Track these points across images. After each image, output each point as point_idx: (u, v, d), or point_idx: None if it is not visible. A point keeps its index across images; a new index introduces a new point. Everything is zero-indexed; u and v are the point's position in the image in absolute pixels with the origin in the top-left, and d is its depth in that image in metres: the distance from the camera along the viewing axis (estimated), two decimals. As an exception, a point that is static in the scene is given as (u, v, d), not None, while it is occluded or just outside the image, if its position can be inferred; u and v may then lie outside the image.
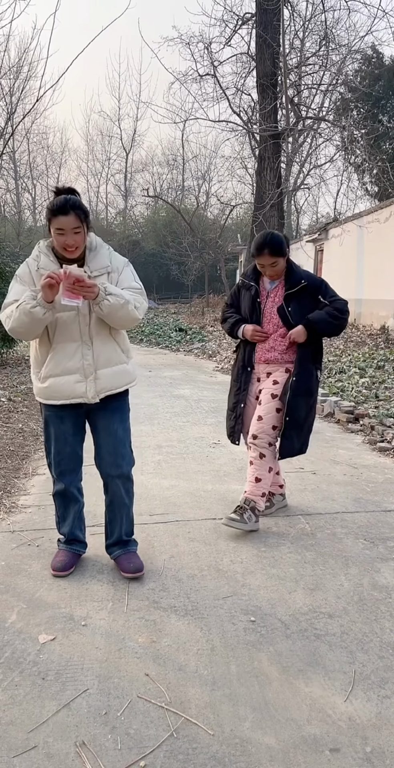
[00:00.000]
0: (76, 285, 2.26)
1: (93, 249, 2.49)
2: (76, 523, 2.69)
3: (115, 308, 2.36)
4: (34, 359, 2.56)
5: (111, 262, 2.51)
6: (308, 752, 1.64)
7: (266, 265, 3.07)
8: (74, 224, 2.33)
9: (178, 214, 23.41)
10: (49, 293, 2.26)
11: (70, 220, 2.32)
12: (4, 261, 8.92)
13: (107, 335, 2.50)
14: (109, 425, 2.57)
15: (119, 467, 2.60)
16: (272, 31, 12.93)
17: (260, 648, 2.11)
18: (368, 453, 4.75)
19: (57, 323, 2.42)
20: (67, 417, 2.54)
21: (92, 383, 2.46)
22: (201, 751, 1.64)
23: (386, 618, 2.32)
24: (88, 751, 1.63)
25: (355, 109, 18.25)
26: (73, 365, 2.44)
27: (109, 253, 2.54)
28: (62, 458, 2.59)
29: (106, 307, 2.34)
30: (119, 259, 2.57)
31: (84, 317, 2.43)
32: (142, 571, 2.59)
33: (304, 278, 3.11)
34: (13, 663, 2.00)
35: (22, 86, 14.99)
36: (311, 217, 34.24)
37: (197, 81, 14.74)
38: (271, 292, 3.18)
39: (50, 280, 2.24)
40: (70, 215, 2.31)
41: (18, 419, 5.46)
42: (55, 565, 2.62)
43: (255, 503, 3.08)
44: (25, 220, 32.92)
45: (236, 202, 24.98)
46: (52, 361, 2.46)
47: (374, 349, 10.13)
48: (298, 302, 3.09)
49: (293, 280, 3.10)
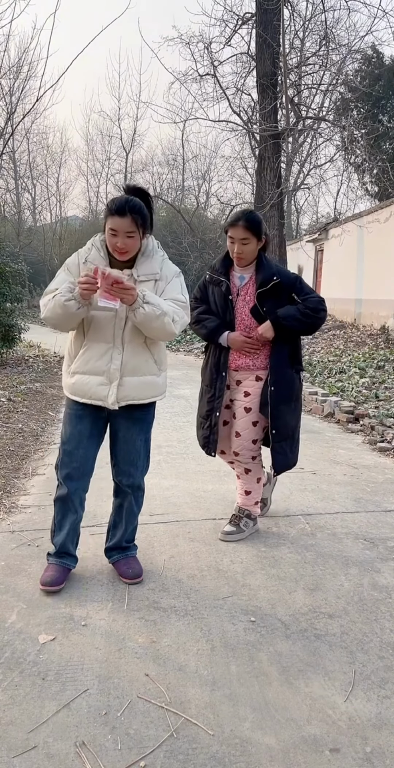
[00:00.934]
0: (114, 286, 2.18)
1: (147, 253, 2.41)
2: (70, 536, 2.57)
3: (150, 318, 2.26)
4: (67, 352, 2.53)
5: (161, 269, 2.43)
6: (308, 752, 1.64)
7: (237, 239, 2.81)
8: (129, 228, 2.25)
9: (178, 214, 23.40)
10: (86, 293, 2.21)
11: (125, 223, 2.25)
12: (4, 261, 8.92)
13: (141, 344, 2.41)
14: (128, 435, 2.51)
15: (131, 477, 2.56)
16: (272, 31, 12.93)
17: (260, 648, 2.11)
18: (368, 453, 4.75)
19: (92, 321, 2.37)
20: (87, 417, 2.47)
21: (115, 389, 2.38)
22: (201, 751, 1.64)
23: (386, 618, 2.32)
24: (88, 751, 1.63)
25: (355, 109, 18.24)
26: (100, 366, 2.39)
27: (162, 260, 2.45)
28: (72, 460, 2.49)
29: (140, 315, 2.25)
30: (171, 269, 2.48)
31: (120, 320, 2.36)
32: (141, 576, 2.57)
33: (276, 274, 2.85)
34: (13, 663, 2.00)
35: (22, 86, 14.98)
36: (311, 217, 34.23)
37: (197, 81, 14.73)
38: (241, 290, 2.93)
39: (88, 282, 2.19)
40: (125, 218, 2.24)
41: (18, 419, 5.46)
42: (44, 580, 2.48)
43: (249, 510, 3.04)
44: (25, 220, 32.94)
45: (236, 202, 24.96)
46: (83, 357, 2.42)
47: (374, 349, 10.13)
48: (272, 302, 2.85)
49: (265, 276, 2.85)
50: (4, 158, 23.01)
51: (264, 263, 2.90)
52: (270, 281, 2.82)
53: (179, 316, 2.38)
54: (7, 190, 31.49)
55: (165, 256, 2.49)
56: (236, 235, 2.80)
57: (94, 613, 2.31)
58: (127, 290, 2.20)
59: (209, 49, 14.15)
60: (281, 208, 14.00)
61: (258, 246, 2.87)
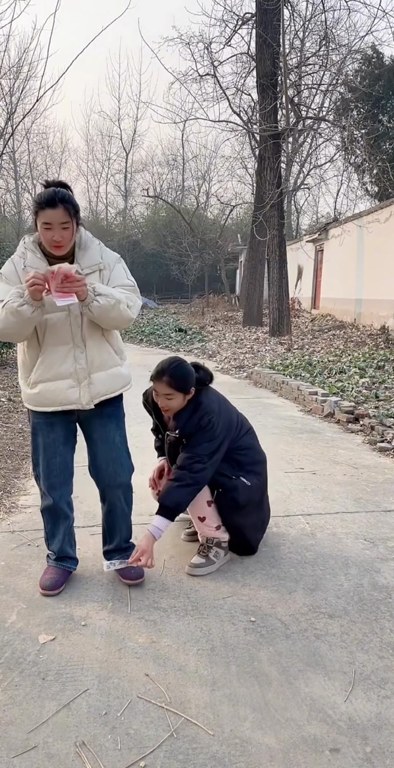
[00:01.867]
0: (65, 282, 2.12)
1: (83, 245, 2.34)
2: (66, 540, 2.53)
3: (106, 309, 2.23)
4: (21, 363, 2.42)
5: (102, 258, 2.37)
6: (308, 752, 1.64)
7: (161, 394, 2.59)
8: (62, 219, 2.18)
9: (178, 214, 23.42)
10: (35, 293, 2.12)
11: (59, 214, 2.17)
12: (3, 261, 8.92)
13: (101, 337, 2.37)
14: (105, 433, 2.45)
15: (119, 476, 2.50)
16: (272, 31, 12.94)
17: (260, 648, 2.11)
18: (368, 453, 4.75)
19: (47, 325, 2.28)
20: (58, 424, 2.40)
21: (86, 388, 2.33)
22: (201, 751, 1.64)
23: (386, 618, 2.32)
24: (88, 751, 1.63)
25: (355, 109, 18.25)
26: (65, 370, 2.31)
27: (100, 248, 2.39)
28: (52, 470, 2.43)
29: (95, 308, 2.21)
30: (111, 255, 2.43)
31: (76, 318, 2.29)
32: (143, 577, 2.54)
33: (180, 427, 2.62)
34: (13, 663, 2.00)
35: (22, 86, 14.97)
36: (311, 217, 34.28)
37: (197, 81, 14.76)
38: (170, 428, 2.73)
39: (35, 281, 2.10)
40: (58, 208, 2.17)
41: (18, 419, 5.46)
42: (44, 583, 2.46)
43: (217, 538, 2.73)
44: (25, 220, 32.92)
45: (236, 202, 25.02)
46: (43, 365, 2.32)
47: (374, 349, 10.13)
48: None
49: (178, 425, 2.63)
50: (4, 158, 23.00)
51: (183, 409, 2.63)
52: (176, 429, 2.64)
53: (132, 301, 2.36)
54: (7, 190, 31.51)
55: (101, 244, 2.42)
56: (160, 390, 2.58)
57: (94, 613, 2.31)
58: (78, 282, 2.14)
59: (209, 49, 14.17)
60: (281, 208, 14.00)
61: (187, 397, 2.62)
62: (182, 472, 2.55)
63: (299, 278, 20.42)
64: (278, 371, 8.56)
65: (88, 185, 40.71)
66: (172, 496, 2.52)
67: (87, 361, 2.34)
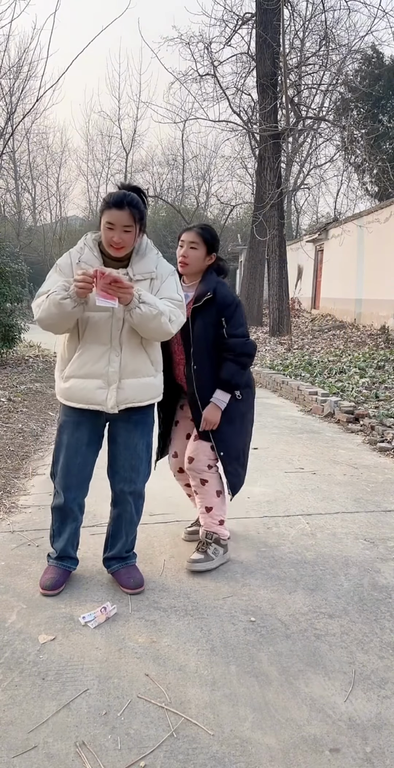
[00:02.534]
0: (112, 285, 2.14)
1: (141, 252, 2.36)
2: (70, 540, 2.52)
3: (147, 318, 2.21)
4: (60, 356, 2.44)
5: (156, 268, 2.37)
6: (308, 752, 1.64)
7: (186, 242, 2.67)
8: (126, 222, 2.22)
9: (178, 214, 23.41)
10: (82, 291, 2.15)
11: (123, 217, 2.21)
12: (3, 261, 8.91)
13: (138, 344, 2.36)
14: (129, 440, 2.44)
15: (133, 483, 2.48)
16: (272, 31, 12.94)
17: (260, 648, 2.11)
18: (368, 453, 4.75)
19: (88, 322, 2.30)
20: (85, 424, 2.39)
21: (114, 392, 2.32)
22: (201, 751, 1.64)
23: (386, 618, 2.32)
24: (88, 751, 1.63)
25: (355, 109, 18.25)
26: (97, 370, 2.31)
27: (156, 258, 2.40)
28: (70, 469, 2.42)
29: (136, 315, 2.20)
30: (166, 267, 2.42)
31: (117, 321, 2.30)
32: (143, 586, 2.49)
33: (212, 290, 2.64)
34: (13, 663, 2.00)
35: (22, 86, 14.99)
36: (311, 217, 34.24)
37: (197, 81, 14.77)
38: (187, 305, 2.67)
39: (84, 280, 2.13)
40: (123, 211, 2.20)
41: (18, 419, 5.46)
42: (44, 582, 2.45)
43: (217, 534, 2.73)
44: (25, 220, 32.94)
45: (236, 202, 24.99)
46: (78, 361, 2.33)
47: (374, 349, 10.13)
48: (203, 322, 2.64)
49: (200, 292, 2.66)
50: (4, 158, 23.01)
51: (206, 278, 2.71)
52: (204, 296, 2.63)
53: (175, 315, 2.32)
54: (7, 190, 31.50)
55: (159, 254, 2.43)
56: (186, 238, 2.68)
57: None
58: (125, 288, 2.15)
59: (209, 49, 14.18)
60: (281, 208, 14.01)
61: (206, 260, 2.70)
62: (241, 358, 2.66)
63: (299, 278, 20.42)
64: (278, 371, 8.56)
65: (88, 185, 40.58)
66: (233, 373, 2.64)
67: (120, 365, 2.33)
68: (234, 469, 2.74)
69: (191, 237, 2.67)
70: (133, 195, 2.27)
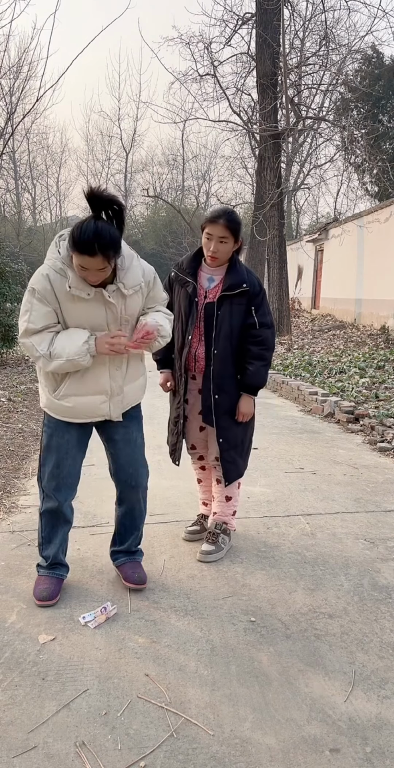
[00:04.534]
0: (145, 338, 2.20)
1: (125, 265, 2.20)
2: (61, 546, 2.46)
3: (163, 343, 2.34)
4: (45, 374, 2.31)
5: (143, 276, 2.29)
6: (308, 752, 1.64)
7: (215, 236, 2.60)
8: (100, 265, 2.02)
9: (178, 214, 23.42)
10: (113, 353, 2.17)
11: (96, 262, 2.00)
12: (4, 261, 8.92)
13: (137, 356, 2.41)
14: (128, 434, 2.42)
15: (139, 477, 2.48)
16: (272, 31, 12.94)
17: (260, 648, 2.11)
18: (368, 453, 4.75)
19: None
20: (76, 427, 2.35)
21: (119, 403, 2.33)
22: (201, 751, 1.64)
23: (386, 618, 2.32)
24: (88, 751, 1.63)
25: (355, 109, 18.25)
26: (100, 386, 2.28)
27: (139, 264, 2.29)
28: (61, 471, 2.36)
29: (156, 346, 2.30)
30: (149, 271, 2.34)
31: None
32: (145, 583, 2.49)
33: (247, 282, 2.65)
34: (13, 663, 2.00)
35: (22, 86, 14.97)
36: (311, 217, 34.23)
37: (197, 81, 14.76)
38: (209, 292, 2.71)
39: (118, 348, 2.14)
40: (96, 257, 1.98)
41: (18, 419, 5.46)
42: (39, 594, 2.35)
43: (226, 524, 2.85)
44: (25, 220, 32.92)
45: (236, 202, 24.99)
46: (77, 381, 2.25)
47: (374, 349, 10.13)
48: (230, 308, 2.66)
49: (235, 281, 2.65)
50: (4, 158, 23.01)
51: (236, 267, 2.70)
52: (239, 287, 2.64)
53: (170, 320, 2.43)
54: (7, 190, 31.49)
55: (137, 257, 2.31)
56: (215, 232, 2.61)
57: (94, 613, 2.31)
58: (153, 336, 2.23)
59: (209, 49, 14.17)
60: (281, 208, 14.01)
61: (234, 247, 2.69)
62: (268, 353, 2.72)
63: (299, 278, 20.42)
64: (278, 371, 8.56)
65: (88, 185, 40.62)
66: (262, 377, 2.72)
67: (123, 379, 2.34)
68: (230, 456, 2.76)
69: (221, 231, 2.60)
70: (103, 232, 1.96)
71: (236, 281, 2.66)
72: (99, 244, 1.95)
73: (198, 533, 2.98)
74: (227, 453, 2.74)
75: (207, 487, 3.05)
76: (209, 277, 2.74)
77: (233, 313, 2.66)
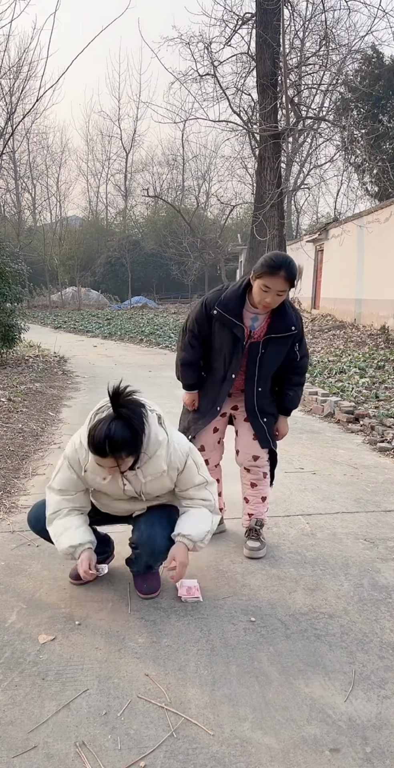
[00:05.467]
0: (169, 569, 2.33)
1: (149, 452, 2.21)
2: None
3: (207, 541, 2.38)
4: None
5: (168, 465, 2.27)
6: (308, 752, 1.64)
7: (273, 290, 2.50)
8: (112, 464, 2.10)
9: (178, 214, 23.41)
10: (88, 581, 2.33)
11: (108, 462, 2.09)
12: (4, 261, 8.91)
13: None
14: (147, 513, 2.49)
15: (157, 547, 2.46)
16: (272, 31, 12.93)
17: (260, 648, 2.11)
18: (368, 453, 4.75)
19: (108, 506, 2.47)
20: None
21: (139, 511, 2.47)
22: (201, 751, 1.64)
23: (386, 618, 2.32)
24: (88, 751, 1.63)
25: (355, 109, 18.24)
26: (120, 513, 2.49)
27: (166, 454, 2.25)
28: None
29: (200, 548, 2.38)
30: (178, 457, 2.30)
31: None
32: (157, 592, 2.45)
33: (295, 324, 2.67)
34: (13, 663, 2.00)
35: (22, 86, 14.97)
36: (311, 217, 34.27)
37: (197, 81, 14.75)
38: (254, 333, 2.69)
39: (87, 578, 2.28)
40: (107, 458, 2.07)
41: (18, 419, 5.46)
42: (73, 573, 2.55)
43: (264, 520, 2.97)
44: (25, 220, 32.94)
45: (236, 202, 24.99)
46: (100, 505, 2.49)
47: (374, 349, 10.13)
48: (276, 348, 2.69)
49: (286, 324, 2.65)
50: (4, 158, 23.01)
51: (285, 309, 2.66)
52: (288, 330, 2.64)
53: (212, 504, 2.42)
54: (7, 190, 31.52)
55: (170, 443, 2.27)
56: (274, 286, 2.49)
57: (94, 613, 2.31)
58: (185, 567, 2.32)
59: (209, 49, 14.16)
60: (281, 208, 14.00)
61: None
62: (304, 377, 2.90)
63: (299, 278, 20.40)
64: (278, 371, 8.55)
65: (88, 185, 40.66)
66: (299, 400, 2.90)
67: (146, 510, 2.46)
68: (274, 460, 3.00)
69: (281, 286, 2.50)
70: (116, 434, 2.02)
71: (286, 324, 2.66)
72: (110, 447, 2.03)
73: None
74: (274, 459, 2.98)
75: None
76: (253, 317, 2.69)
77: (280, 352, 2.72)
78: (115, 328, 16.95)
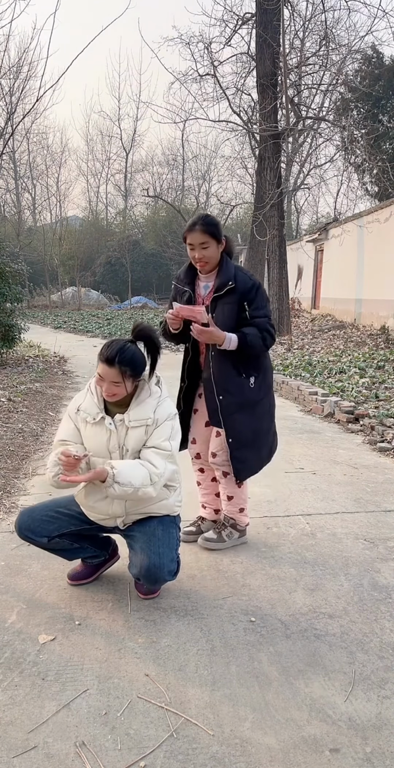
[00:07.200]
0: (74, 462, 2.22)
1: (139, 399, 2.32)
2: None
3: (125, 494, 2.23)
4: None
5: (154, 413, 2.30)
6: (308, 752, 1.64)
7: (196, 245, 2.66)
8: (114, 378, 2.21)
9: (178, 214, 23.42)
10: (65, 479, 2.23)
11: (112, 373, 2.21)
12: (3, 261, 8.91)
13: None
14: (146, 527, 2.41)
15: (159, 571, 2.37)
16: (272, 31, 12.94)
17: (260, 648, 2.11)
18: (368, 453, 4.75)
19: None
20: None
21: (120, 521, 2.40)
22: (201, 751, 1.64)
23: (386, 618, 2.32)
24: (88, 751, 1.63)
25: (355, 109, 18.26)
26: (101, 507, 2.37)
27: (156, 403, 2.32)
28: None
29: (112, 493, 2.22)
30: (164, 412, 2.34)
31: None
32: (157, 593, 2.46)
33: (233, 279, 2.68)
34: (13, 663, 2.00)
35: (22, 86, 14.97)
36: (311, 217, 34.25)
37: (196, 81, 14.78)
38: (205, 299, 2.78)
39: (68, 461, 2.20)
40: (113, 368, 2.20)
41: (18, 419, 5.46)
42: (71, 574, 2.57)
43: (234, 520, 2.91)
44: (25, 220, 32.93)
45: (236, 202, 25.00)
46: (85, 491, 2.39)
47: (374, 349, 10.13)
48: (222, 307, 2.70)
49: (221, 281, 2.70)
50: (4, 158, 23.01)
51: (224, 267, 2.74)
52: (226, 286, 2.68)
53: (158, 475, 2.25)
54: (7, 190, 31.52)
55: (162, 397, 2.36)
56: (195, 240, 2.67)
57: (94, 613, 2.31)
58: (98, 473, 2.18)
59: (209, 49, 14.18)
60: (281, 208, 14.01)
61: (219, 248, 2.72)
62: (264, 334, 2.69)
63: (299, 278, 20.42)
64: (278, 371, 8.55)
65: (88, 185, 40.63)
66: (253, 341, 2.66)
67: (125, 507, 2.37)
68: (241, 455, 2.78)
69: (200, 238, 2.67)
70: (128, 351, 2.23)
71: (224, 280, 2.70)
72: (120, 357, 2.21)
73: (193, 534, 2.98)
74: (238, 452, 2.77)
75: (206, 490, 3.08)
76: (204, 284, 2.82)
77: (225, 312, 2.69)
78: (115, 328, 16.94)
